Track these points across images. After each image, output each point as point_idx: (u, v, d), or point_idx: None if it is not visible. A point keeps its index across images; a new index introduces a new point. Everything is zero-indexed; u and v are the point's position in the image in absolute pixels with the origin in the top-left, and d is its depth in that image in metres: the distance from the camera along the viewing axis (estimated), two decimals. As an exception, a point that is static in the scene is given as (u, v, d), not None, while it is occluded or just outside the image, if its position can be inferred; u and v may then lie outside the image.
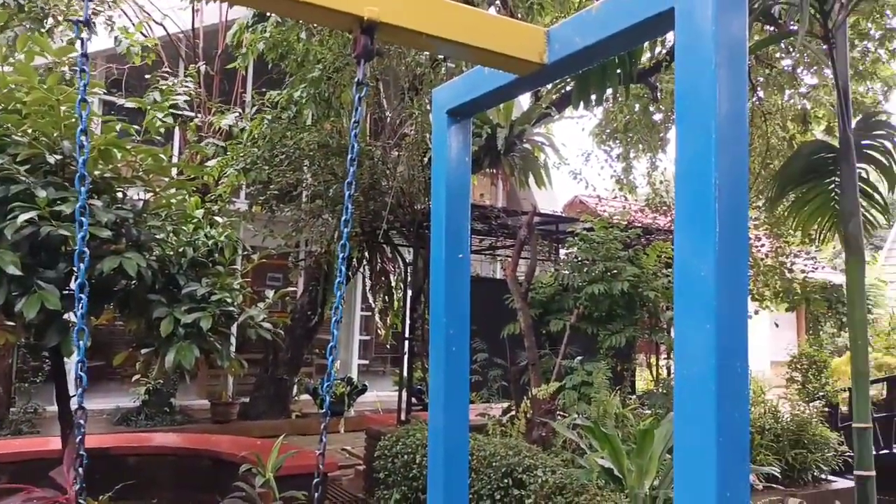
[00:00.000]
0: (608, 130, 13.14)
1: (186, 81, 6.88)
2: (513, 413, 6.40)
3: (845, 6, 3.98)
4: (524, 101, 13.30)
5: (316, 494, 1.75)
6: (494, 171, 12.41)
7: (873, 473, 3.83)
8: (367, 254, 10.75)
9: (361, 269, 11.05)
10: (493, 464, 4.17)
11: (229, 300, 5.28)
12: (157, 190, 4.76)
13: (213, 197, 7.17)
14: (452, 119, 2.73)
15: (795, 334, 21.28)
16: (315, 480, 1.79)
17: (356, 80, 1.63)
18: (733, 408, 1.45)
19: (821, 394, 8.75)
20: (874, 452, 9.04)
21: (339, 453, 9.80)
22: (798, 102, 11.39)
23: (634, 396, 7.47)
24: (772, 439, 8.05)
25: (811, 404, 8.73)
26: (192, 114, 10.03)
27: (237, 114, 8.62)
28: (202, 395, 11.47)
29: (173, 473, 6.60)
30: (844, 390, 9.04)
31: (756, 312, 10.65)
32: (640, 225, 9.27)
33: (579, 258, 7.19)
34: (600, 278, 6.86)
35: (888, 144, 4.83)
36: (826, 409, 8.80)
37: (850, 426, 9.20)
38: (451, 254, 2.69)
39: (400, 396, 7.73)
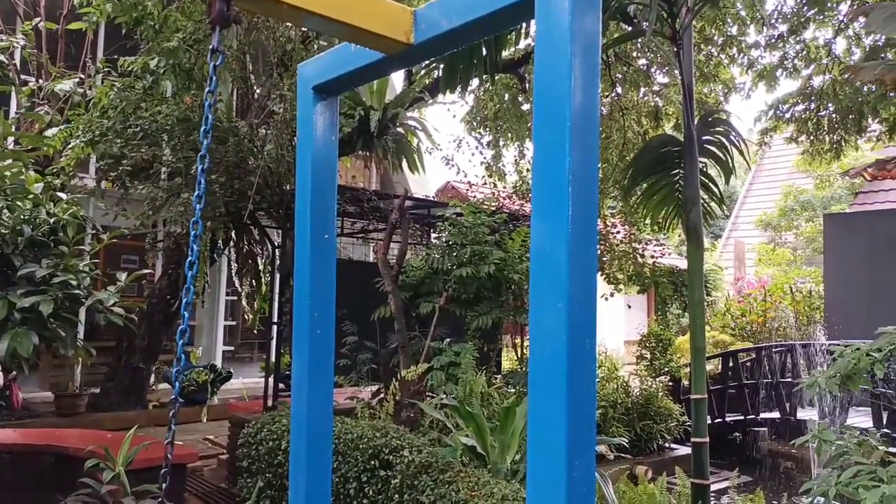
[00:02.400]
0: (479, 118, 13.44)
1: (16, 37, 6.21)
2: (382, 395, 6.43)
3: (691, 9, 4.30)
4: (398, 83, 13.28)
5: (164, 485, 1.64)
6: (368, 153, 12.29)
7: (707, 440, 4.22)
8: (233, 235, 10.32)
9: (227, 252, 10.58)
10: (360, 446, 4.17)
11: (74, 283, 4.88)
12: (-14, 160, 4.28)
13: (54, 170, 6.55)
14: (318, 96, 2.67)
15: (646, 315, 22.92)
16: (163, 471, 1.69)
17: (211, 47, 1.54)
18: (582, 382, 1.53)
19: (665, 369, 9.53)
20: (708, 421, 10.04)
21: (202, 443, 9.39)
22: (651, 99, 12.19)
23: (500, 376, 7.75)
24: (623, 412, 8.68)
25: (657, 379, 9.49)
26: (31, 78, 9.10)
27: (77, 80, 7.90)
28: (45, 387, 10.53)
29: (11, 473, 6.02)
30: (687, 365, 9.90)
31: (612, 294, 11.37)
32: (507, 211, 9.58)
33: (449, 242, 7.31)
34: (468, 262, 7.02)
35: (725, 140, 5.29)
36: (670, 384, 9.61)
37: (689, 398, 10.13)
38: (317, 234, 2.64)
39: (266, 382, 7.53)
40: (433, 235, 9.43)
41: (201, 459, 8.39)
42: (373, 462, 4.09)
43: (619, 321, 19.97)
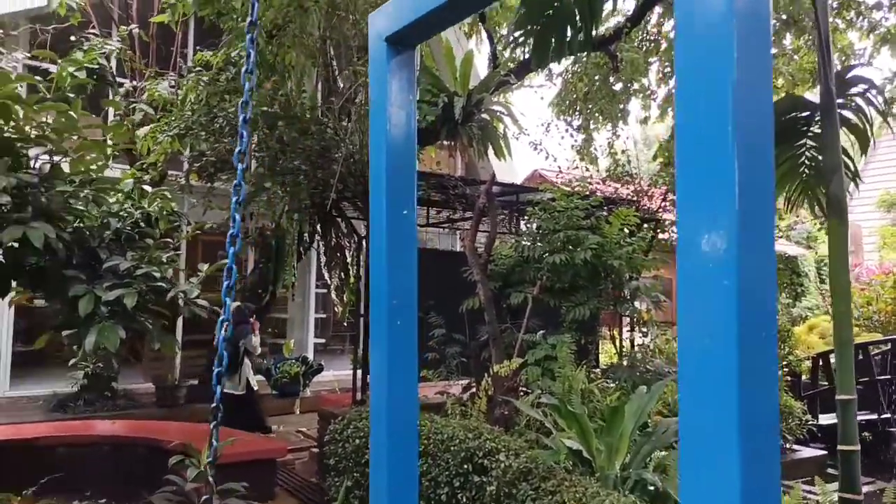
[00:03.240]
0: (568, 101, 12.83)
1: (112, 41, 6.26)
2: (473, 390, 6.07)
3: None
4: (482, 69, 12.86)
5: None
6: (452, 142, 11.96)
7: (858, 448, 3.59)
8: (319, 227, 10.26)
9: (315, 245, 10.54)
10: (451, 448, 3.82)
11: (157, 274, 4.78)
12: (69, 151, 4.21)
13: (143, 165, 6.57)
14: (393, 49, 2.28)
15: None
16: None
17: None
18: (759, 385, 1.08)
19: (784, 363, 8.66)
20: (835, 421, 9.06)
21: (294, 435, 9.38)
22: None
23: (599, 371, 7.22)
24: (736, 410, 7.92)
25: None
26: (125, 80, 9.31)
27: (171, 80, 7.97)
28: (147, 379, 10.86)
29: (107, 464, 6.10)
30: (807, 359, 8.97)
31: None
32: (602, 195, 8.98)
33: (540, 227, 6.84)
34: (562, 248, 6.53)
35: (863, 103, 4.56)
36: (788, 379, 8.72)
37: (812, 395, 9.18)
38: (394, 210, 2.27)
39: (355, 375, 7.33)
40: (522, 223, 8.96)
41: (293, 452, 8.34)
42: (466, 466, 3.72)
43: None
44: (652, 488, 3.82)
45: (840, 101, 4.59)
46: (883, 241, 15.21)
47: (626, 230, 7.04)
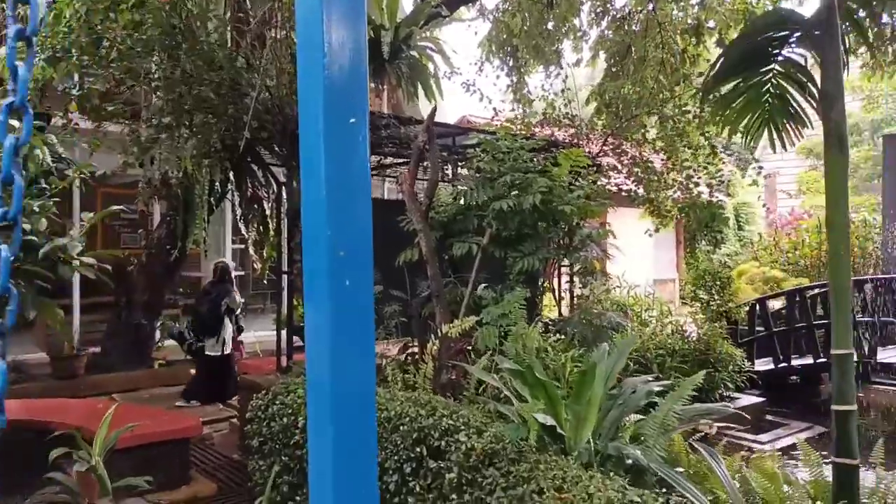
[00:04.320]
0: (501, 39, 12.09)
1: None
2: (412, 350, 5.47)
3: None
4: (408, 2, 11.92)
5: None
6: (378, 81, 11.06)
7: (855, 408, 3.20)
8: (233, 176, 9.26)
9: (229, 195, 9.54)
10: (401, 428, 3.19)
11: (26, 226, 3.85)
12: None
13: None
14: None
15: (673, 252, 21.82)
16: None
17: None
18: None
19: (722, 311, 8.52)
20: (771, 366, 9.05)
21: (212, 404, 8.57)
22: (690, 14, 10.78)
23: (543, 324, 6.74)
24: (680, 360, 7.71)
25: (714, 322, 8.48)
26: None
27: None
28: (42, 347, 9.69)
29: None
30: (744, 305, 8.87)
31: (657, 230, 10.27)
32: (543, 139, 8.41)
33: (482, 171, 6.19)
34: (508, 193, 5.92)
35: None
36: (727, 326, 8.58)
37: (749, 341, 9.13)
38: (336, 119, 1.56)
39: (279, 339, 6.58)
40: (460, 170, 8.28)
41: (212, 424, 7.55)
42: (418, 449, 3.11)
43: (648, 260, 18.88)
44: (630, 462, 3.34)
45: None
46: (806, 186, 15.49)
47: (575, 174, 6.50)
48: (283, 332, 6.51)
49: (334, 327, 1.53)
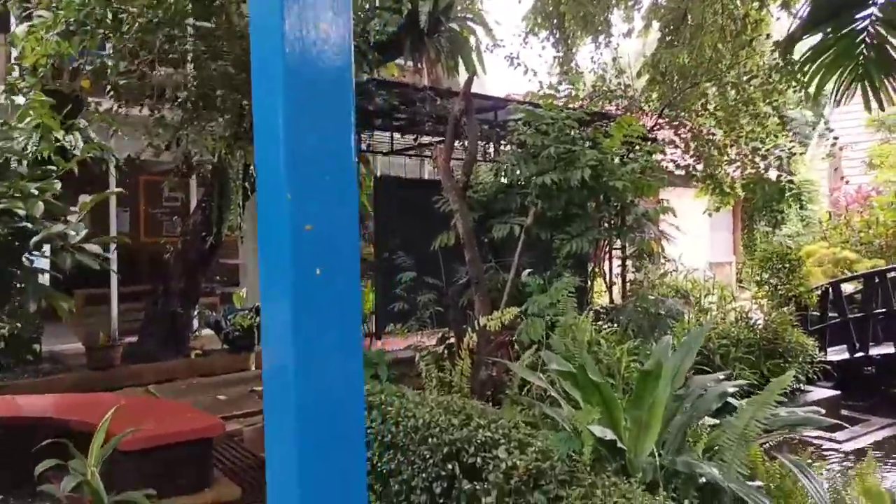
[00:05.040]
0: (546, 10, 11.41)
1: None
2: (450, 341, 4.99)
3: None
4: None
5: None
6: (417, 56, 10.55)
7: None
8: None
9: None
10: (430, 440, 2.72)
11: (21, 211, 3.50)
12: None
13: (20, 70, 5.14)
14: None
15: (730, 233, 20.79)
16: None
17: None
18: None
19: (792, 295, 7.77)
20: (846, 356, 8.24)
21: (247, 396, 8.28)
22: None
23: (592, 313, 6.18)
24: (746, 351, 7.04)
25: (781, 309, 7.75)
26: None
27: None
28: (79, 338, 9.58)
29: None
30: (816, 289, 8.09)
31: (717, 209, 9.53)
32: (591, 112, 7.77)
33: (526, 145, 5.64)
34: (553, 167, 5.36)
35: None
36: (796, 313, 7.83)
37: (823, 329, 8.35)
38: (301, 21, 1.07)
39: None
40: (503, 148, 7.73)
41: (244, 417, 7.24)
42: (450, 465, 2.63)
43: (703, 242, 17.96)
44: (703, 479, 2.79)
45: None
46: (880, 160, 14.34)
47: (628, 146, 5.88)
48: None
49: (300, 334, 1.06)
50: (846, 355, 8.10)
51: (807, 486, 2.99)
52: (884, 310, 7.91)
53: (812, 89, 4.65)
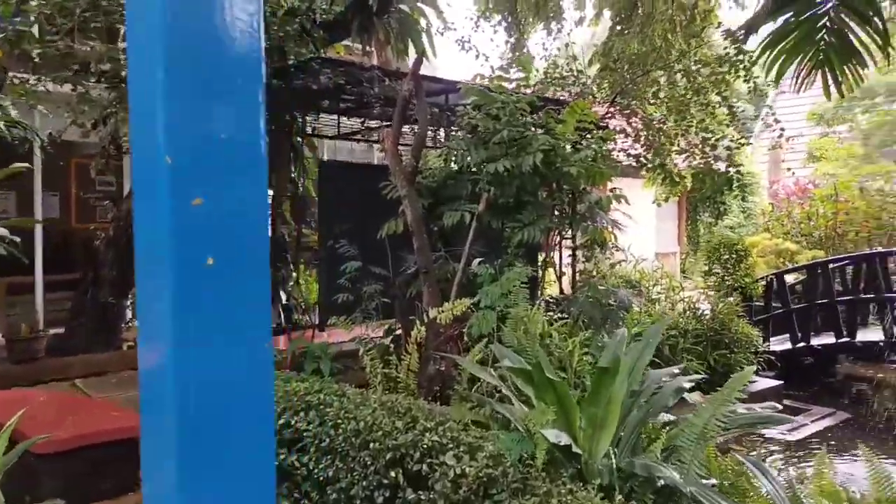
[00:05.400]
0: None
1: None
2: (397, 332, 4.76)
3: None
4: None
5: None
6: (366, 37, 10.20)
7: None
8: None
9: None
10: (371, 444, 2.49)
11: None
12: None
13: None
14: None
15: (675, 224, 21.13)
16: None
17: None
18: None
19: (738, 286, 7.82)
20: (788, 346, 8.36)
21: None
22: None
23: (542, 304, 6.03)
24: (693, 341, 7.03)
25: (727, 298, 7.78)
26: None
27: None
28: (0, 329, 8.95)
29: None
30: (762, 279, 8.17)
31: (666, 200, 9.55)
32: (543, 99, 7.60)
33: (477, 129, 5.43)
34: (504, 152, 5.17)
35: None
36: (741, 303, 7.87)
37: (766, 319, 8.45)
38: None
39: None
40: (454, 133, 7.49)
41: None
42: (393, 473, 2.40)
43: (650, 232, 18.16)
44: (661, 482, 2.65)
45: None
46: (821, 153, 14.70)
47: (580, 133, 5.73)
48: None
49: (183, 333, 0.81)
50: (789, 345, 8.22)
51: (765, 487, 2.89)
52: (825, 300, 8.04)
53: (773, 76, 4.57)
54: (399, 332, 4.75)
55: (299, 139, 8.15)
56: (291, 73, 5.31)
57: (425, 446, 2.37)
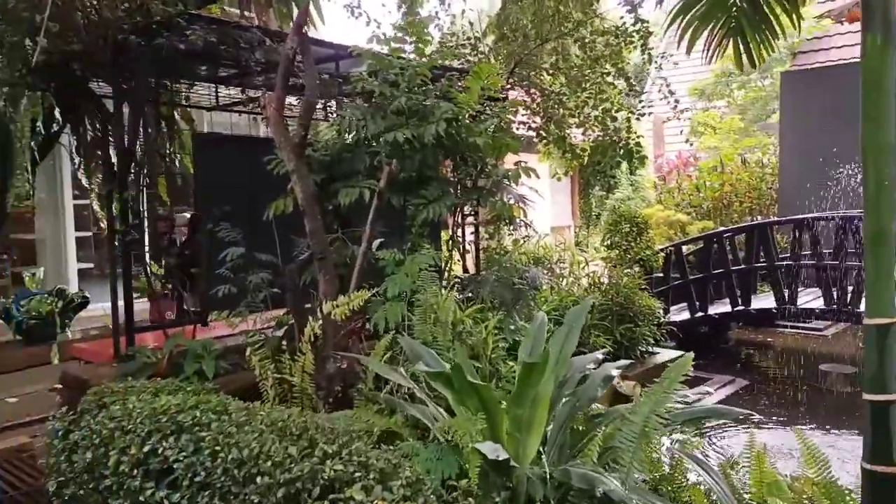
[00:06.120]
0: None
1: None
2: (291, 323, 4.22)
3: None
4: None
5: None
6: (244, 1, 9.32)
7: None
8: (59, 113, 7.46)
9: (70, 138, 7.70)
10: (259, 478, 1.99)
11: None
12: None
13: None
14: None
15: (569, 198, 21.46)
16: None
17: None
18: None
19: (639, 258, 7.80)
20: (686, 316, 8.48)
21: (49, 395, 6.91)
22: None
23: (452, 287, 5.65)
24: (599, 316, 6.92)
25: (628, 271, 7.75)
26: None
27: None
28: None
29: None
30: (661, 251, 8.19)
31: (566, 173, 9.43)
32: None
33: (374, 94, 4.91)
34: (404, 122, 4.70)
35: None
36: (643, 276, 7.87)
37: (666, 290, 8.52)
38: None
39: (115, 318, 5.12)
40: (347, 103, 6.91)
41: (38, 425, 5.98)
42: (288, 513, 1.92)
43: (546, 206, 18.26)
44: (600, 492, 2.32)
45: None
46: (702, 127, 15.20)
47: (482, 104, 5.35)
48: (120, 307, 5.04)
49: None
50: (687, 315, 8.35)
51: (705, 480, 2.65)
52: (721, 270, 8.19)
53: (684, 44, 4.36)
54: (293, 323, 4.21)
55: (174, 110, 7.29)
56: (154, 30, 4.56)
57: (326, 478, 1.90)
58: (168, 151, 7.95)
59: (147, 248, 10.44)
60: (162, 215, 9.93)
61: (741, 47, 4.09)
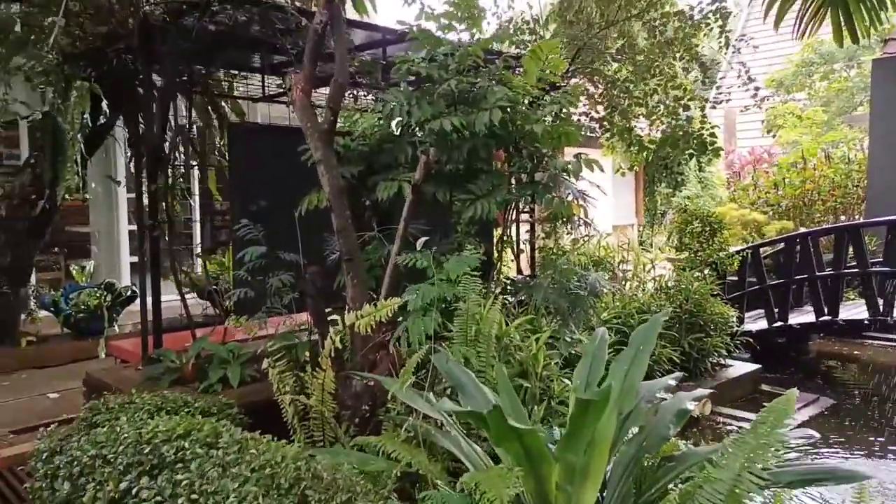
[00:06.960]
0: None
1: None
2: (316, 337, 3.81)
3: None
4: None
5: None
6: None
7: None
8: (107, 105, 7.35)
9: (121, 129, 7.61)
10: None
11: None
12: None
13: None
14: None
15: (633, 196, 20.57)
16: None
17: None
18: None
19: (711, 261, 7.10)
20: (764, 326, 7.68)
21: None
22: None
23: (494, 288, 5.14)
24: (666, 325, 6.27)
25: (699, 274, 7.05)
26: None
27: None
28: None
29: None
30: (738, 253, 7.43)
31: (630, 168, 8.77)
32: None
33: (420, 78, 4.46)
34: (453, 109, 4.22)
35: None
36: (716, 280, 7.15)
37: (741, 296, 7.76)
38: None
39: (144, 315, 4.84)
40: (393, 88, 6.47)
41: (68, 425, 5.79)
42: None
43: (608, 203, 17.48)
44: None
45: None
46: (781, 120, 14.14)
47: (542, 89, 4.80)
48: (149, 306, 4.76)
49: None
50: (764, 324, 7.58)
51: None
52: (804, 275, 7.39)
53: (772, 17, 3.74)
54: (315, 331, 3.80)
55: (217, 101, 7.04)
56: (184, 10, 4.24)
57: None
58: (219, 145, 7.73)
59: (199, 242, 10.32)
60: (219, 210, 9.78)
61: (841, 19, 3.45)
